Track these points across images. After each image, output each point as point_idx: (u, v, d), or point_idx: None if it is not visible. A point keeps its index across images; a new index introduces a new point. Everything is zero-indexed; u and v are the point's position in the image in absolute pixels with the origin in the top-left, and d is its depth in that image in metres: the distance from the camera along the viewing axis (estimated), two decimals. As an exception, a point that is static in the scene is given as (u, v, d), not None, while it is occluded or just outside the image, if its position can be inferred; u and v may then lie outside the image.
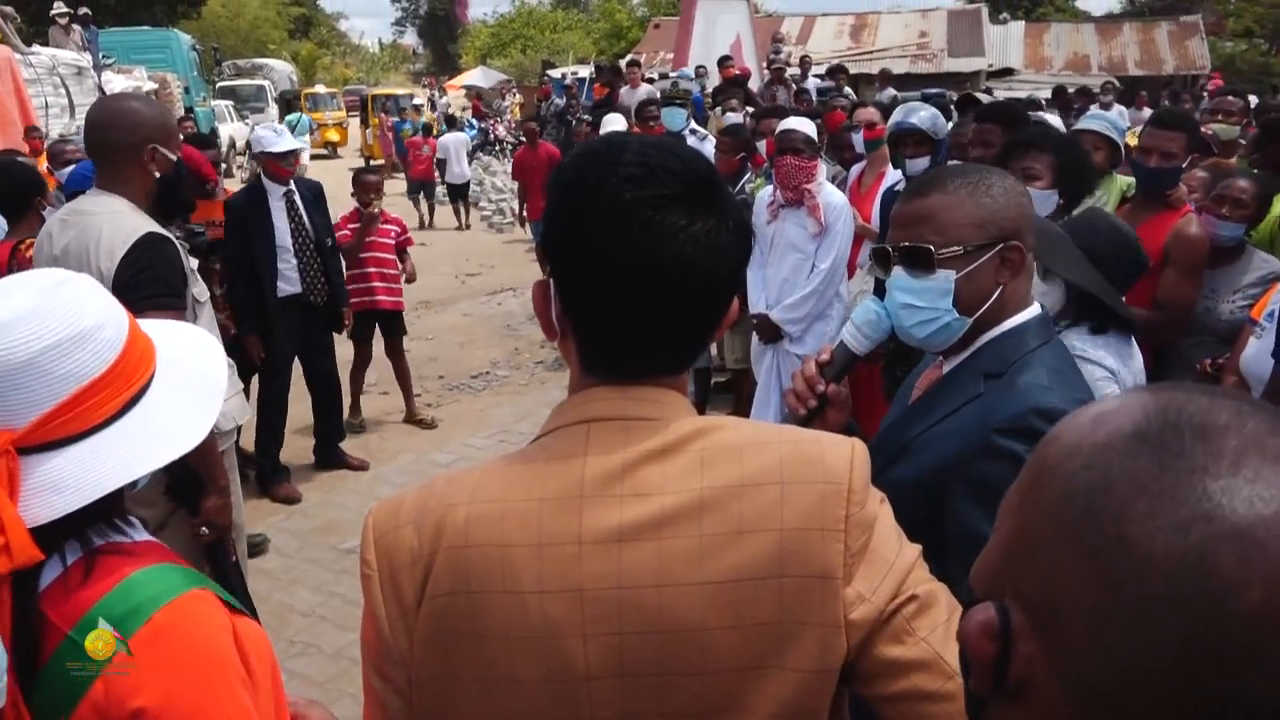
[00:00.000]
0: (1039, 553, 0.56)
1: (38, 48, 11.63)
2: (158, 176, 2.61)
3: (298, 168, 5.35)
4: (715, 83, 11.38)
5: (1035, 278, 2.33)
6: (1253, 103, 8.47)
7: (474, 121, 21.57)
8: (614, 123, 7.54)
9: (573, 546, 0.92)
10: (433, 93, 27.84)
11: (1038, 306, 1.57)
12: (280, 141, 5.04)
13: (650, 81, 11.51)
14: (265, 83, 27.25)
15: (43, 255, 2.62)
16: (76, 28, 13.47)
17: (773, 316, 4.35)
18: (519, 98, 25.19)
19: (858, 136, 4.97)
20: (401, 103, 21.90)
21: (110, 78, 13.05)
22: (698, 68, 12.30)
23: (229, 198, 5.17)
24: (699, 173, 0.96)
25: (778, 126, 4.48)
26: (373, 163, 22.42)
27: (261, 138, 5.11)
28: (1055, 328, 2.29)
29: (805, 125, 4.33)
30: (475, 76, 31.35)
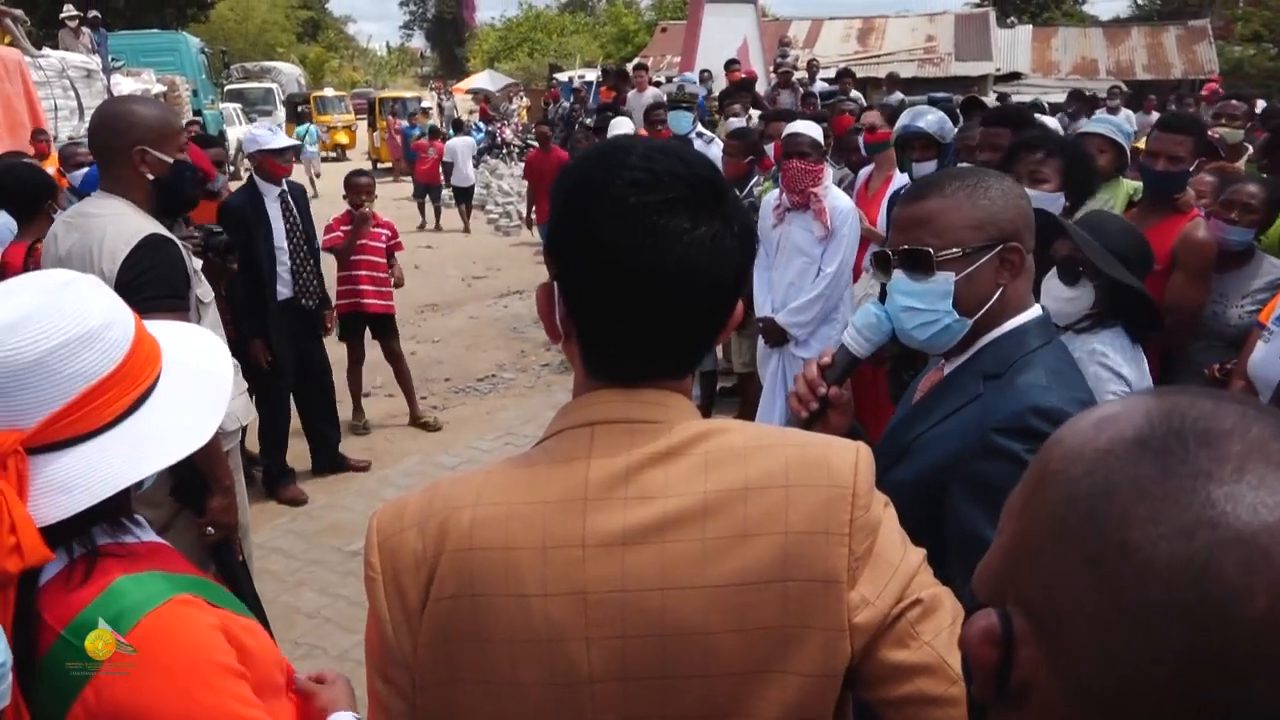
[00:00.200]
0: (1041, 558, 0.56)
1: (47, 50, 11.68)
2: (152, 178, 2.60)
3: (312, 171, 5.37)
4: (720, 86, 11.37)
5: (1060, 284, 2.35)
6: (1260, 107, 8.45)
7: (481, 125, 21.62)
8: (622, 125, 7.55)
9: (576, 549, 0.92)
10: (440, 96, 27.88)
11: (1038, 308, 1.57)
12: (276, 138, 5.04)
13: (657, 85, 11.51)
14: (273, 86, 27.38)
15: (48, 257, 2.63)
16: (86, 31, 13.53)
17: (778, 320, 4.35)
18: (526, 101, 25.25)
19: (861, 140, 4.97)
20: (410, 106, 21.96)
21: (119, 80, 13.09)
22: (701, 72, 12.29)
23: (226, 198, 5.13)
24: (704, 176, 0.95)
25: (784, 130, 4.48)
26: (380, 165, 22.59)
27: (257, 136, 5.09)
28: (1082, 331, 2.31)
29: (811, 129, 4.32)
30: (482, 80, 31.40)
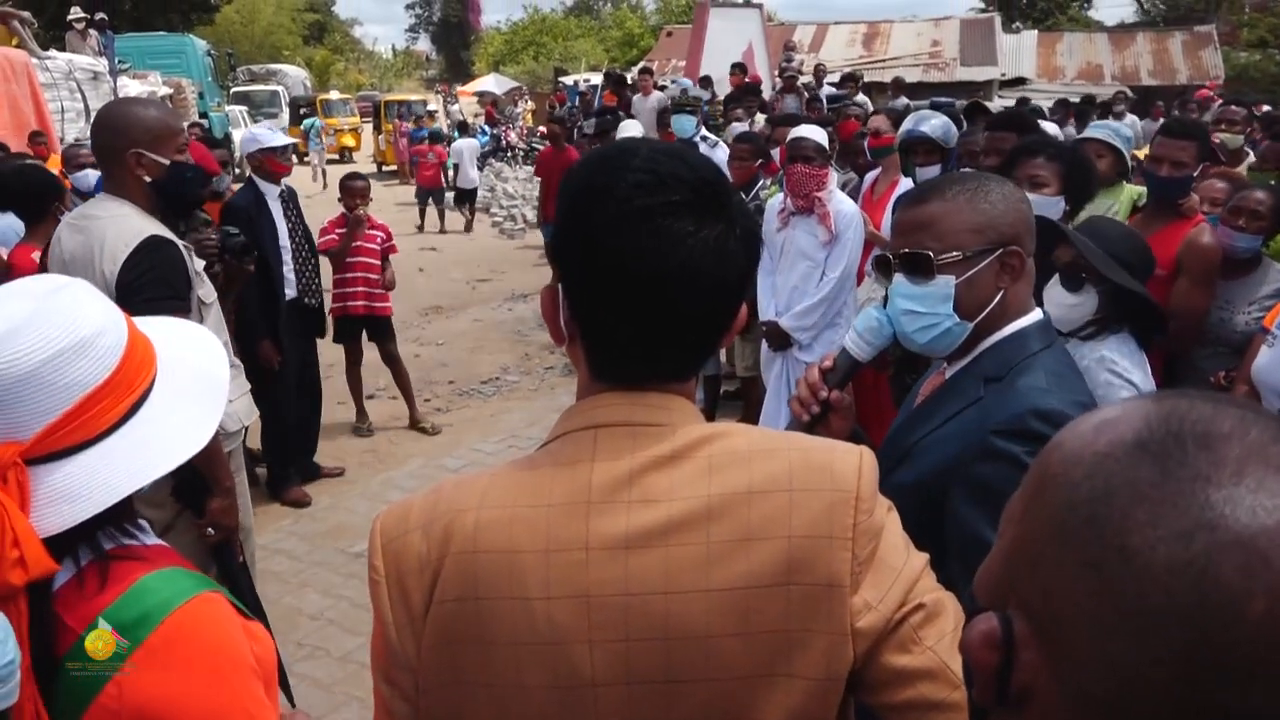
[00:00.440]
0: (1041, 562, 0.56)
1: (54, 53, 11.72)
2: (149, 180, 2.61)
3: (316, 169, 5.39)
4: (722, 91, 11.37)
5: (1063, 290, 2.35)
6: (1265, 112, 8.44)
7: (486, 128, 21.66)
8: (630, 128, 7.55)
9: (580, 553, 0.92)
10: (445, 99, 27.93)
11: (1039, 312, 1.57)
12: (276, 136, 5.04)
13: (661, 89, 11.52)
14: (279, 88, 27.51)
15: (53, 259, 2.65)
16: (93, 33, 13.57)
17: (782, 324, 4.35)
18: (531, 105, 25.29)
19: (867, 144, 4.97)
20: (415, 109, 22.00)
21: (126, 83, 13.13)
22: (702, 77, 12.28)
23: (230, 198, 5.13)
24: (708, 179, 0.95)
25: (789, 135, 4.49)
26: (385, 168, 22.63)
27: (257, 135, 5.10)
28: (1088, 338, 2.31)
29: (816, 133, 4.33)
30: (488, 83, 31.39)
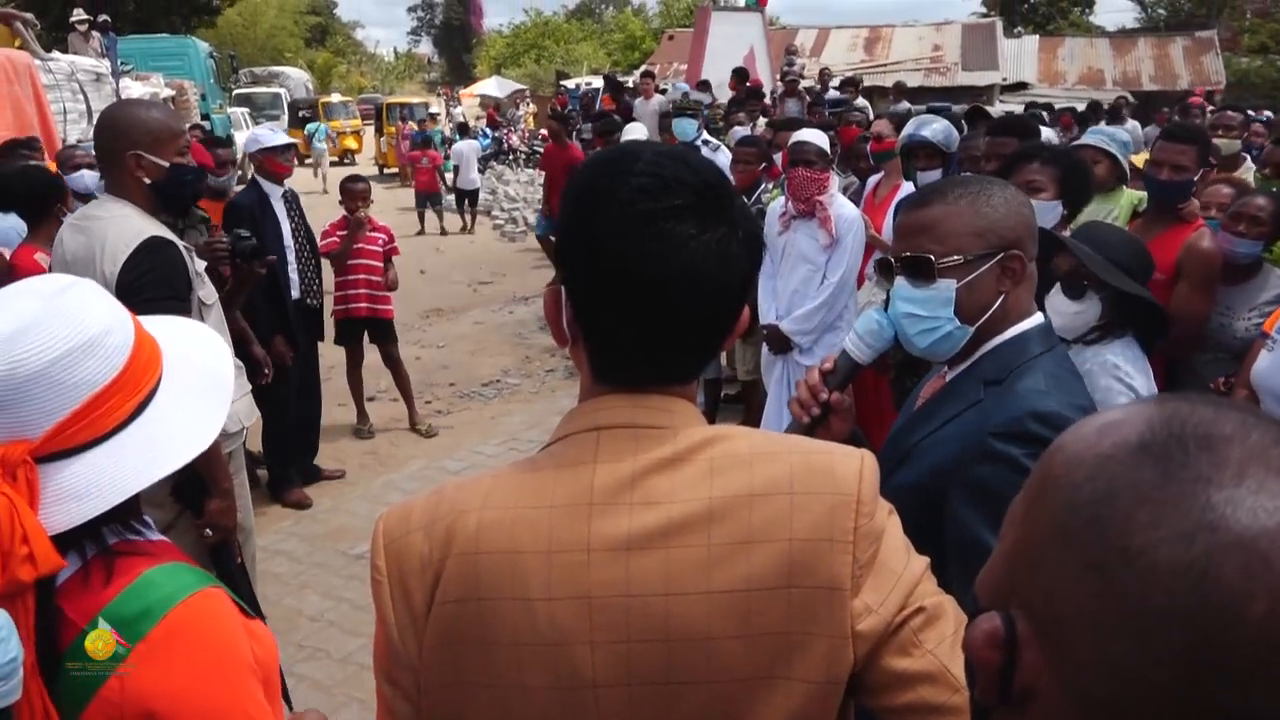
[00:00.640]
0: (1043, 563, 0.56)
1: (57, 54, 11.70)
2: (149, 182, 2.62)
3: (323, 168, 5.39)
4: (722, 95, 11.39)
5: (1065, 298, 2.36)
6: (1266, 117, 8.44)
7: (488, 131, 21.68)
8: (635, 131, 7.56)
9: (581, 554, 0.92)
10: (448, 102, 27.97)
11: (1040, 315, 1.58)
12: (276, 137, 5.04)
13: (662, 93, 11.53)
14: (281, 90, 27.52)
15: (56, 259, 2.68)
16: (96, 35, 13.57)
17: (782, 328, 4.35)
18: (533, 108, 25.32)
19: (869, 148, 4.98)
20: (418, 113, 22.02)
21: (128, 84, 13.13)
22: (700, 82, 12.29)
23: (233, 198, 5.14)
24: (711, 183, 0.96)
25: (790, 138, 4.49)
26: (386, 171, 22.66)
27: (259, 135, 5.11)
28: (1092, 343, 2.32)
29: (818, 137, 4.34)
30: (489, 86, 31.40)
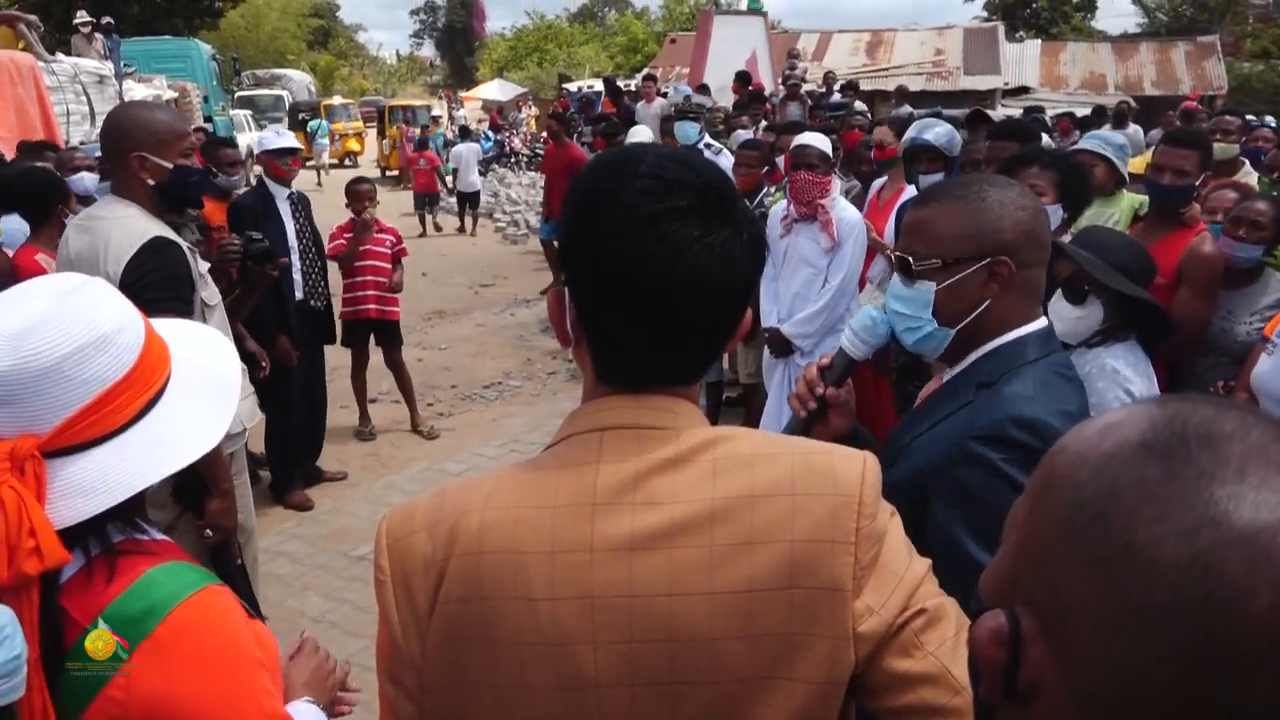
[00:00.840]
0: (1048, 561, 0.56)
1: (60, 56, 11.72)
2: (152, 183, 2.63)
3: (323, 165, 5.39)
4: (723, 99, 11.40)
5: (1067, 304, 2.36)
6: (1269, 122, 8.45)
7: (490, 134, 21.71)
8: (640, 134, 7.57)
9: (584, 554, 0.92)
10: (450, 105, 28.01)
11: (1043, 320, 1.56)
12: (277, 139, 5.05)
13: (663, 96, 11.55)
14: (283, 93, 27.57)
15: (60, 259, 2.71)
16: (99, 36, 13.59)
17: (784, 330, 4.36)
18: (535, 110, 25.35)
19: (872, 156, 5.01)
20: (420, 116, 22.04)
21: (131, 86, 13.14)
22: (700, 85, 12.32)
23: (237, 199, 5.15)
24: (714, 185, 0.96)
25: (792, 142, 4.50)
26: (388, 173, 22.68)
27: (262, 138, 5.15)
28: (1094, 346, 2.32)
29: (820, 141, 4.34)
30: (491, 89, 31.44)
